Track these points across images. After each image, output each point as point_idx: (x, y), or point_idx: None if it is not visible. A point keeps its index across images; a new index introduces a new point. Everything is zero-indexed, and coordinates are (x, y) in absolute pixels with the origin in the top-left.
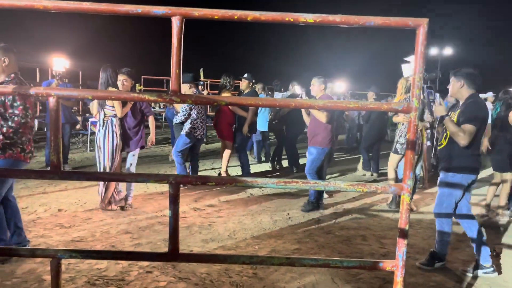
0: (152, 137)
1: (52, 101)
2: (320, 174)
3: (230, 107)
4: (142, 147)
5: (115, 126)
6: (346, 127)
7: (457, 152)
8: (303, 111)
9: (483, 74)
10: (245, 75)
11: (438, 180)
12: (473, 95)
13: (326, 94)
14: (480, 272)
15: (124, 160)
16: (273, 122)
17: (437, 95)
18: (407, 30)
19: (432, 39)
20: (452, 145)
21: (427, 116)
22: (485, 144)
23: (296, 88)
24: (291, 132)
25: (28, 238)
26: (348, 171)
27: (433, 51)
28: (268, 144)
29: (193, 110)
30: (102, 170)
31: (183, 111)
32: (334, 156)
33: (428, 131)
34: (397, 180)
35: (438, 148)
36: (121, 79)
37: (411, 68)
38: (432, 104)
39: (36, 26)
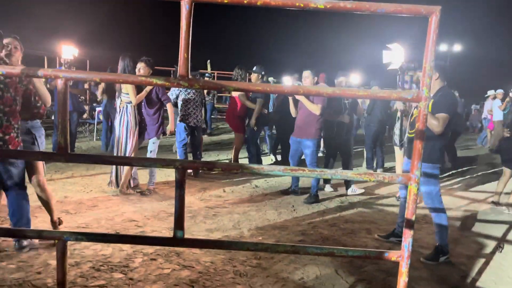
0: (170, 126)
1: (60, 83)
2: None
3: (240, 99)
4: (163, 134)
5: (129, 113)
6: (355, 121)
7: (430, 142)
8: (290, 102)
9: (494, 70)
10: (254, 68)
11: (408, 167)
12: (444, 87)
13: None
14: (442, 258)
15: (145, 147)
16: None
17: (414, 85)
18: (415, 23)
19: (442, 35)
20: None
21: (399, 104)
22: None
23: (286, 80)
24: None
25: (35, 223)
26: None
27: (443, 47)
28: (269, 136)
29: (180, 95)
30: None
31: (170, 92)
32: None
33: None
34: None
35: (409, 136)
36: (138, 67)
37: (391, 55)
38: None
39: (44, 14)
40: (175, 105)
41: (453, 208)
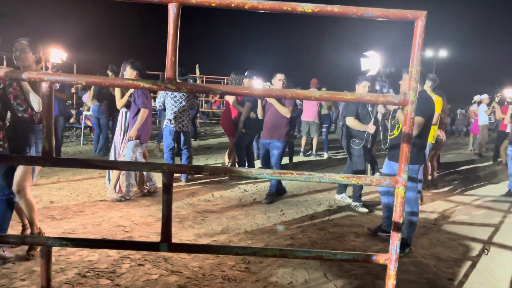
0: (130, 131)
1: (45, 86)
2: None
3: (231, 103)
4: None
5: (120, 117)
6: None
7: None
8: (259, 104)
9: (479, 75)
10: (246, 73)
11: (389, 169)
12: (422, 91)
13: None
14: (407, 249)
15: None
16: None
17: (391, 90)
18: (392, 29)
19: (427, 41)
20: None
21: (380, 108)
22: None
23: (255, 83)
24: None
25: (18, 229)
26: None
27: (428, 53)
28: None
29: (166, 99)
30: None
31: (157, 100)
32: (331, 154)
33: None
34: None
35: (390, 138)
36: (125, 70)
37: (368, 62)
38: None
39: (30, 17)
40: (164, 109)
41: (440, 211)
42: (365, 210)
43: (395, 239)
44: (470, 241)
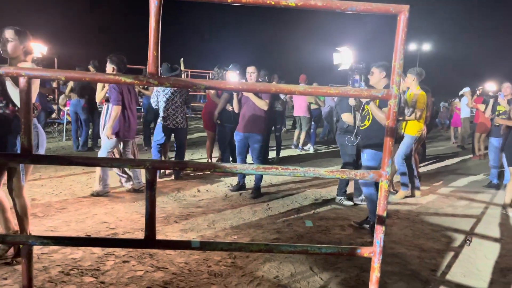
0: (106, 131)
1: (22, 81)
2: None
3: (210, 96)
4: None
5: (103, 111)
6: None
7: (376, 132)
8: (234, 98)
9: (461, 69)
10: (230, 66)
11: (364, 158)
12: (389, 84)
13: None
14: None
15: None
16: None
17: (363, 84)
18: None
19: (411, 36)
20: (373, 126)
21: (351, 100)
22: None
23: (230, 76)
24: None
25: None
26: (333, 165)
27: (412, 46)
28: None
29: (159, 96)
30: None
31: (151, 98)
32: (316, 148)
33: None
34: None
35: (361, 128)
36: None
37: (340, 57)
38: None
39: (8, 8)
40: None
41: (424, 203)
42: (350, 203)
43: (379, 232)
44: (453, 232)
